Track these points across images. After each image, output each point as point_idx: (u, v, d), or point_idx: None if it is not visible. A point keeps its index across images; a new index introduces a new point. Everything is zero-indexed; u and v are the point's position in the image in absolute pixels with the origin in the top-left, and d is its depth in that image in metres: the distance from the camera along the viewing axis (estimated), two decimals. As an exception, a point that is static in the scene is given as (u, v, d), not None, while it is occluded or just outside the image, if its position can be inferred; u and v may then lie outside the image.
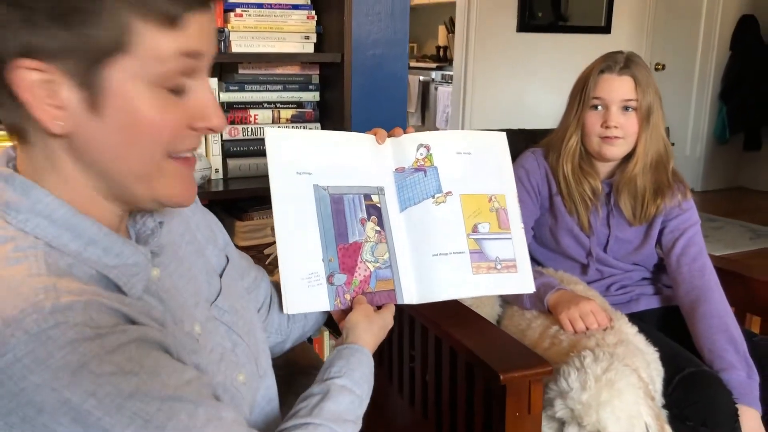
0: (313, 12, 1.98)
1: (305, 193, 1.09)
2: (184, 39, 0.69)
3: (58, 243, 0.69)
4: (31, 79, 0.65)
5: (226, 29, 1.88)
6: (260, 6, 1.92)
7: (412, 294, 1.15)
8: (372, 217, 1.14)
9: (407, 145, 1.19)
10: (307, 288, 1.07)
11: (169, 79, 0.70)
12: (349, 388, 0.94)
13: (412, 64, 6.54)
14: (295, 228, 1.08)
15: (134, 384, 0.63)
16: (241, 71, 1.96)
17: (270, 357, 1.01)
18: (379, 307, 1.13)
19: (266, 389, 0.96)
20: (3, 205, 0.70)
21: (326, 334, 2.03)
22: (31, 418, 0.60)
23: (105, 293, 0.68)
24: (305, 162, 1.11)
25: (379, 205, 1.15)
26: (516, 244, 1.21)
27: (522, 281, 1.21)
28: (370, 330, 1.05)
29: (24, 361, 0.60)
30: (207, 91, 0.74)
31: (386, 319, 1.10)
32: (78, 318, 0.62)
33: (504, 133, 1.27)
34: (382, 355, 1.74)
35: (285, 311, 1.05)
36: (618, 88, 1.61)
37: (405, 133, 1.20)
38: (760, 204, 5.60)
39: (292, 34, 1.96)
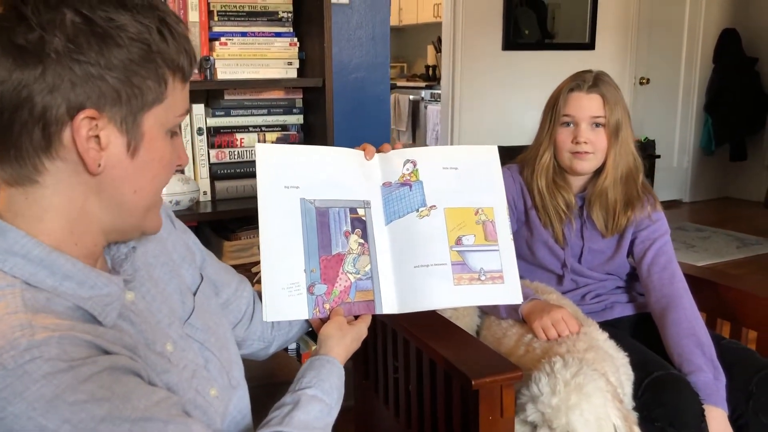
0: (296, 39, 2.06)
1: (292, 206, 1.15)
2: (185, 99, 0.84)
3: (35, 280, 0.75)
4: (87, 126, 0.75)
5: (211, 57, 1.95)
6: (244, 35, 2.00)
7: (392, 304, 1.20)
8: (356, 230, 1.20)
9: (394, 161, 1.25)
10: (287, 297, 1.12)
11: (173, 127, 0.84)
12: (319, 398, 1.00)
13: (402, 83, 6.64)
14: (280, 239, 1.13)
15: (106, 409, 0.69)
16: (226, 97, 2.03)
17: (242, 368, 1.06)
18: (357, 317, 1.19)
19: (239, 399, 1.02)
20: None
21: (314, 348, 2.07)
22: None
23: (79, 326, 0.74)
24: (293, 176, 1.16)
25: (364, 218, 1.21)
26: (503, 256, 1.25)
27: (508, 292, 1.24)
28: (342, 342, 1.11)
29: (2, 394, 0.66)
30: (181, 136, 0.89)
31: (360, 331, 1.16)
32: (52, 352, 0.68)
33: (495, 147, 1.31)
34: (368, 368, 1.80)
35: (264, 318, 1.11)
36: (587, 105, 1.68)
37: (394, 148, 1.26)
38: (746, 213, 5.67)
39: (276, 60, 2.03)
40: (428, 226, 1.23)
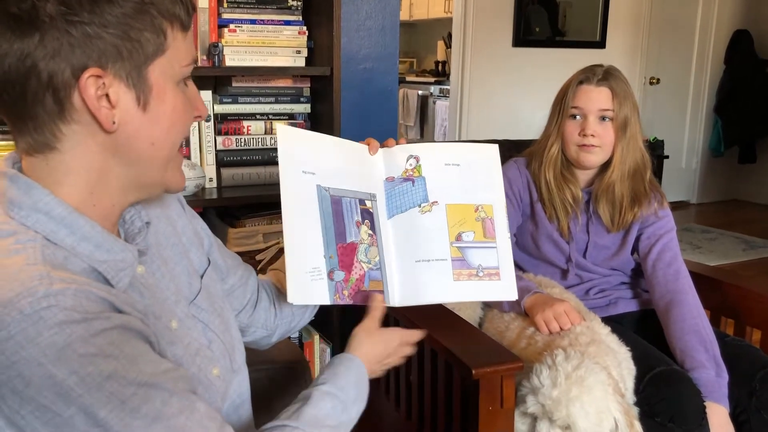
0: (305, 27, 2.05)
1: (310, 192, 1.15)
2: (189, 48, 0.84)
3: (55, 237, 0.77)
4: (94, 85, 0.76)
5: (220, 44, 1.95)
6: (253, 22, 1.99)
7: (395, 297, 1.21)
8: (365, 221, 1.20)
9: (398, 156, 1.25)
10: (310, 281, 1.11)
11: (182, 77, 0.84)
12: (332, 394, 0.98)
13: (412, 78, 6.63)
14: (301, 223, 1.13)
15: (113, 366, 0.70)
16: (234, 84, 2.03)
17: (244, 354, 1.06)
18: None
19: (238, 384, 1.02)
20: (8, 202, 0.78)
21: (317, 337, 2.08)
22: (20, 391, 0.67)
23: (95, 284, 0.75)
24: (311, 162, 1.16)
25: (371, 210, 1.21)
26: (501, 253, 1.26)
27: (504, 288, 1.25)
28: (367, 342, 1.10)
29: (17, 338, 0.67)
30: (195, 86, 0.89)
31: (389, 336, 1.14)
32: (68, 302, 0.69)
33: (496, 145, 1.31)
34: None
35: (289, 300, 1.08)
36: (595, 98, 1.67)
37: (398, 143, 1.26)
38: (754, 216, 5.65)
39: (284, 48, 2.03)
40: (430, 221, 1.23)
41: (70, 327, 0.68)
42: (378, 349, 1.11)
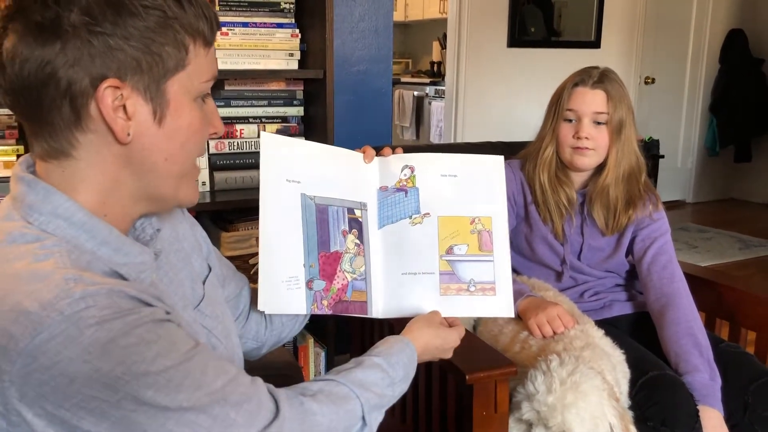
0: (297, 30, 2.04)
1: (293, 200, 1.13)
2: (210, 64, 0.85)
3: (76, 242, 0.78)
4: (112, 96, 0.77)
5: (212, 47, 1.94)
6: (246, 25, 1.98)
7: (379, 308, 1.19)
8: (353, 230, 1.18)
9: (393, 165, 1.23)
10: (285, 290, 1.11)
11: (201, 93, 0.85)
12: (382, 367, 0.99)
13: (407, 79, 6.63)
14: (280, 232, 1.12)
15: (155, 351, 0.72)
16: (227, 87, 2.02)
17: (243, 360, 1.06)
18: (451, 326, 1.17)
19: None
20: (26, 207, 0.79)
21: (311, 341, 2.07)
22: (64, 387, 0.69)
23: (123, 282, 0.77)
24: (296, 170, 1.14)
25: (360, 219, 1.19)
26: (498, 267, 1.21)
27: (499, 304, 1.21)
28: (425, 332, 1.10)
29: (58, 338, 0.68)
30: (213, 103, 0.90)
31: (448, 334, 1.14)
32: (104, 302, 0.71)
33: (501, 157, 1.27)
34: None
35: (260, 308, 1.09)
36: (590, 101, 1.66)
37: (394, 152, 1.24)
38: (750, 215, 5.66)
39: (277, 51, 2.02)
40: (420, 233, 1.21)
41: (110, 323, 0.70)
42: (436, 342, 1.12)
